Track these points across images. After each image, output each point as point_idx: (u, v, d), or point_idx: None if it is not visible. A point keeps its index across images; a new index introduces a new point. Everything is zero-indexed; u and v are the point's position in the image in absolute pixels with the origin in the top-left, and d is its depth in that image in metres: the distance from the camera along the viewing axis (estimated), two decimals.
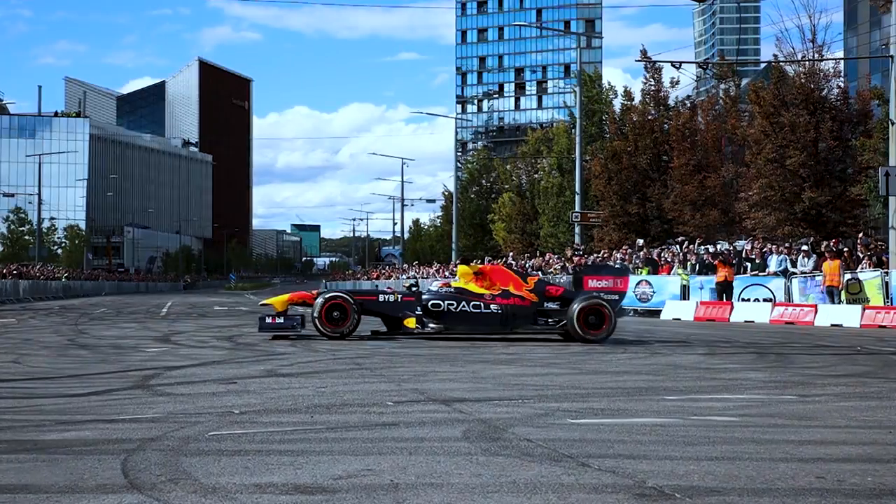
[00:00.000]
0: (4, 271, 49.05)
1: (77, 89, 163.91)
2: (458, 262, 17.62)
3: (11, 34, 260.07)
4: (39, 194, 66.89)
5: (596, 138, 50.66)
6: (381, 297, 16.12)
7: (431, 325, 15.80)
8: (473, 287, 16.03)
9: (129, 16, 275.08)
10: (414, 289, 16.96)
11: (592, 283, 16.40)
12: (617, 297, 16.24)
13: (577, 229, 40.96)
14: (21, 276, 50.64)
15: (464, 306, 15.75)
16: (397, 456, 5.34)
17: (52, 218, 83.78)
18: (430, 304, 15.82)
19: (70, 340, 15.78)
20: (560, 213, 52.78)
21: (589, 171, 44.80)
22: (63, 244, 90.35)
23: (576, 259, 33.63)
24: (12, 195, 71.18)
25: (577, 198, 40.50)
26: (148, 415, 7.03)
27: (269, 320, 15.62)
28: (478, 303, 15.76)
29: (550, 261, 36.71)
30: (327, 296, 15.70)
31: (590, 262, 30.43)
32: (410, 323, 15.84)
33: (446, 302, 15.82)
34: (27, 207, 77.10)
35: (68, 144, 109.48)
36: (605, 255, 33.31)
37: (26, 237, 78.46)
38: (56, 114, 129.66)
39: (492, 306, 15.72)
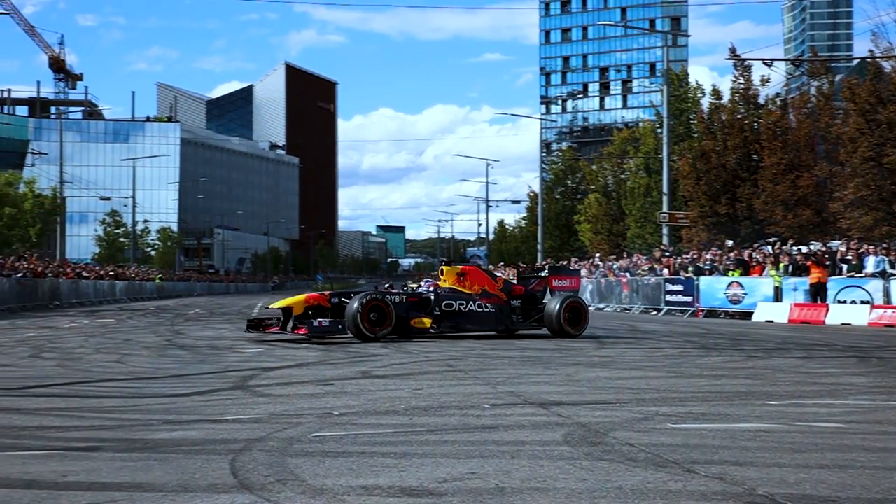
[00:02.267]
0: (102, 273, 50.43)
1: (168, 94, 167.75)
2: (441, 264, 17.76)
3: (106, 41, 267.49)
4: (134, 197, 68.57)
5: (683, 138, 49.98)
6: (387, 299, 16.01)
7: (446, 325, 16.25)
8: (462, 288, 16.73)
9: (218, 21, 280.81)
10: (419, 290, 17.30)
11: (557, 282, 17.79)
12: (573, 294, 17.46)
13: (664, 230, 40.47)
14: (117, 277, 52.02)
15: (471, 306, 16.40)
16: (500, 459, 5.34)
17: (145, 220, 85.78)
18: (444, 304, 16.22)
19: (168, 341, 16.14)
20: (647, 214, 52.20)
21: (677, 170, 44.23)
22: (156, 246, 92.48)
23: (665, 258, 33.23)
24: (108, 198, 73.16)
25: (665, 198, 40.01)
26: (250, 415, 7.16)
27: (315, 323, 15.45)
28: (480, 302, 16.54)
29: (638, 262, 36.33)
30: (365, 299, 15.50)
31: (558, 265, 31.15)
32: (422, 323, 16.09)
33: (457, 302, 16.35)
34: (122, 210, 79.10)
35: (160, 148, 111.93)
36: (695, 256, 32.83)
37: (121, 239, 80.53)
38: (148, 118, 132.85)
39: (487, 305, 16.57)
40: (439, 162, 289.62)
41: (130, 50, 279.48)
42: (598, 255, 47.86)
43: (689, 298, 28.90)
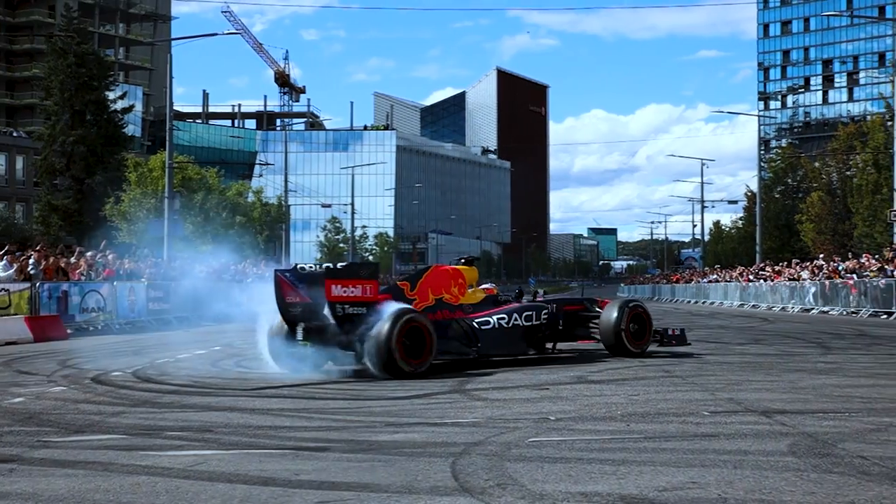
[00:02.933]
0: None
1: (384, 103, 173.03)
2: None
3: (327, 54, 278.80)
4: (353, 204, 71.07)
5: None
6: None
7: None
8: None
9: (433, 30, 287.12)
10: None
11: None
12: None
13: (895, 229, 38.22)
14: None
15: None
16: (721, 469, 5.22)
17: (363, 226, 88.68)
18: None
19: None
20: (876, 212, 49.42)
21: None
22: (374, 251, 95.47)
23: None
24: (329, 206, 76.14)
25: (895, 195, 37.78)
26: (468, 419, 7.30)
27: None
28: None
29: (867, 262, 34.46)
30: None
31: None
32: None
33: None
34: (342, 217, 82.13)
35: (377, 156, 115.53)
36: None
37: (341, 245, 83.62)
38: (365, 127, 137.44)
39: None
40: (652, 162, 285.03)
41: (350, 62, 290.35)
42: (821, 255, 45.72)
43: None
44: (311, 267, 11.04)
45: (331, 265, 11.01)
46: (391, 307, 10.67)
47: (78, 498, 4.75)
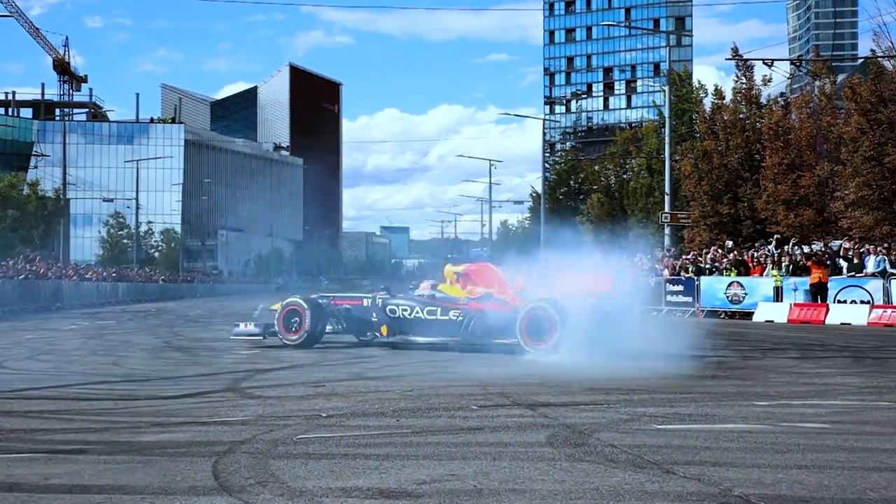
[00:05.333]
0: (104, 274, 50.50)
1: (173, 96, 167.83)
2: (446, 262, 16.31)
3: (112, 43, 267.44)
4: (137, 199, 68.69)
5: (686, 138, 49.95)
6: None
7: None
8: (451, 291, 14.46)
9: (224, 23, 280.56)
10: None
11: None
12: None
13: (666, 230, 40.44)
14: (120, 278, 52.08)
15: (417, 313, 14.25)
16: (481, 461, 5.37)
17: (149, 222, 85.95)
18: (387, 309, 14.55)
19: (166, 343, 16.17)
20: (649, 214, 52.20)
21: (679, 170, 44.16)
22: (159, 247, 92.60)
23: (665, 260, 33.24)
24: (111, 200, 73.36)
25: (667, 198, 39.99)
26: (238, 417, 7.19)
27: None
28: (439, 308, 14.12)
29: (640, 261, 36.30)
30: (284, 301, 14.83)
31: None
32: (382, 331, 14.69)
33: (400, 308, 14.45)
34: (125, 212, 79.23)
35: (164, 150, 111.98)
36: (696, 256, 32.81)
37: (125, 241, 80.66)
38: (152, 120, 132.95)
39: (452, 312, 13.99)
40: (443, 162, 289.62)
41: (136, 52, 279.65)
42: (599, 255, 47.79)
43: (689, 299, 28.90)
44: None
45: None
46: None
47: None
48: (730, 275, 28.38)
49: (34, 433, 6.55)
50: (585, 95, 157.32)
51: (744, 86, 43.29)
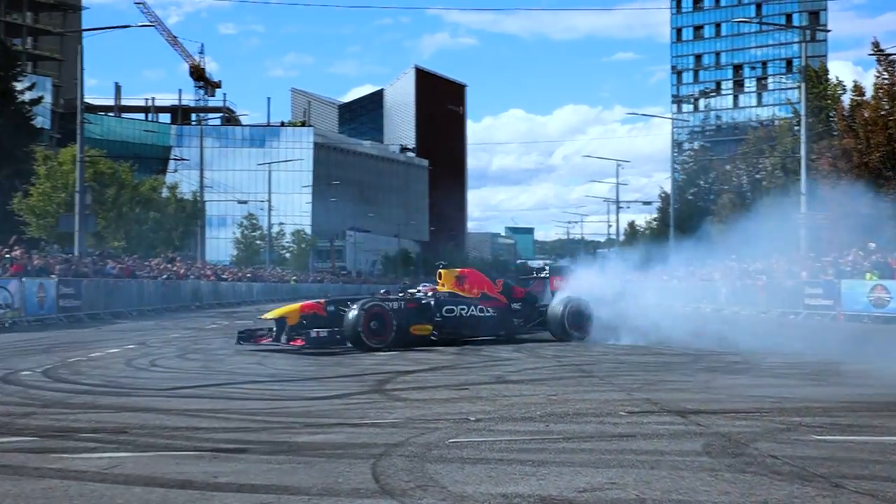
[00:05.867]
0: (240, 275, 51.94)
1: (302, 99, 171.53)
2: (440, 268, 16.75)
3: (245, 49, 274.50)
4: (269, 200, 70.34)
5: (823, 136, 48.33)
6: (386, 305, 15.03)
7: (446, 332, 15.48)
8: (461, 291, 16.21)
9: (353, 27, 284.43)
10: (417, 295, 16.16)
11: (557, 283, 17.32)
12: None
13: (803, 231, 39.22)
14: (254, 279, 53.49)
15: (472, 311, 15.80)
16: (639, 470, 5.30)
17: (280, 223, 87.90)
18: (444, 309, 15.54)
19: None
20: (785, 215, 50.71)
21: (815, 170, 42.79)
22: (291, 248, 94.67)
23: (802, 262, 32.24)
24: (245, 202, 75.27)
25: (803, 198, 38.78)
26: (388, 420, 7.28)
27: (313, 334, 14.33)
28: (482, 306, 15.96)
29: (775, 264, 35.32)
30: (367, 306, 14.63)
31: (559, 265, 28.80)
32: (423, 330, 15.22)
33: (458, 307, 15.74)
34: (258, 213, 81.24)
35: (294, 153, 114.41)
36: (835, 258, 31.68)
37: (258, 242, 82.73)
38: (283, 123, 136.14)
39: (488, 309, 16.02)
40: (569, 163, 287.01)
41: (267, 57, 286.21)
42: (733, 256, 46.70)
43: (829, 302, 27.96)
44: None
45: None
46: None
47: None
48: (872, 278, 27.33)
49: (195, 431, 6.77)
50: (714, 93, 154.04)
51: (886, 81, 41.62)
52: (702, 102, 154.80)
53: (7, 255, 24.30)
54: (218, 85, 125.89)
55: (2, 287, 21.58)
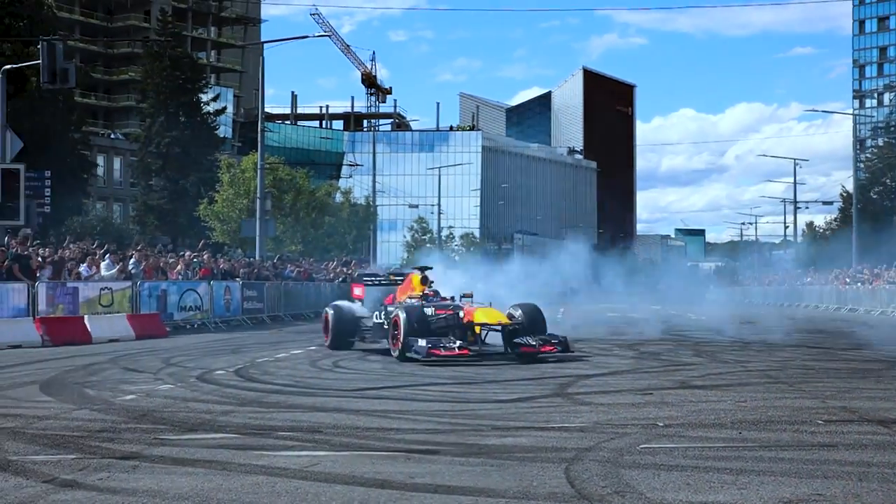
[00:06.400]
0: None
1: (470, 104, 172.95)
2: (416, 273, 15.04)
3: (415, 55, 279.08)
4: (439, 204, 71.33)
5: None
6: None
7: None
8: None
9: (521, 30, 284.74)
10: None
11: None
12: None
13: None
14: None
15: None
16: (846, 481, 5.09)
17: (450, 226, 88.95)
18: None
19: None
20: None
21: None
22: (460, 251, 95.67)
23: None
24: (416, 206, 76.61)
25: None
26: (575, 423, 7.24)
27: None
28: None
29: None
30: None
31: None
32: None
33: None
34: (428, 217, 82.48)
35: (463, 157, 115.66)
36: None
37: (428, 245, 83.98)
38: (451, 128, 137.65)
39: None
40: (742, 162, 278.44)
41: (436, 62, 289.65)
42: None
43: None
44: None
45: None
46: None
47: (202, 497, 4.84)
48: None
49: (387, 432, 6.91)
50: None
51: None
52: (886, 97, 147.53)
53: (195, 259, 25.46)
54: (389, 91, 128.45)
55: (192, 289, 22.62)
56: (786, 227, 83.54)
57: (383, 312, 14.26)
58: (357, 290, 16.31)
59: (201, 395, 9.08)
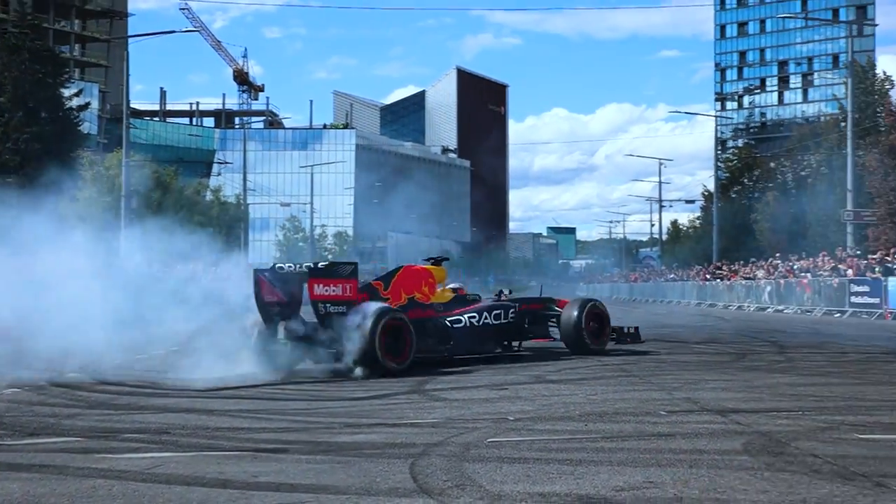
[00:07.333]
0: None
1: (344, 102, 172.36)
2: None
3: (289, 52, 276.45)
4: (312, 203, 70.84)
5: (870, 132, 47.71)
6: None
7: None
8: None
9: (396, 29, 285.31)
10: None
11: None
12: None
13: (849, 228, 38.74)
14: None
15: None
16: (677, 469, 5.28)
17: (323, 225, 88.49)
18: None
19: None
20: (830, 212, 50.10)
21: (862, 166, 42.25)
22: (333, 250, 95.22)
23: (849, 260, 31.86)
24: (288, 204, 75.94)
25: (850, 195, 38.29)
26: (428, 419, 7.32)
27: None
28: None
29: (821, 262, 34.93)
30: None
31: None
32: None
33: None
34: (301, 216, 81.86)
35: (337, 155, 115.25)
36: (882, 255, 31.29)
37: (300, 244, 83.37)
38: (325, 126, 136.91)
39: None
40: (611, 162, 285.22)
41: (311, 60, 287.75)
42: (777, 254, 46.28)
43: (876, 300, 27.60)
44: (289, 266, 11.21)
45: (311, 265, 11.09)
46: (372, 306, 10.83)
47: (32, 502, 4.71)
48: None
49: (237, 431, 6.86)
50: (758, 90, 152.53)
51: None
52: (746, 99, 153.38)
53: None
54: (261, 89, 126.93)
55: None
56: (652, 226, 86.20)
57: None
58: None
59: (49, 399, 8.81)
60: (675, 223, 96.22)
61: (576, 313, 13.10)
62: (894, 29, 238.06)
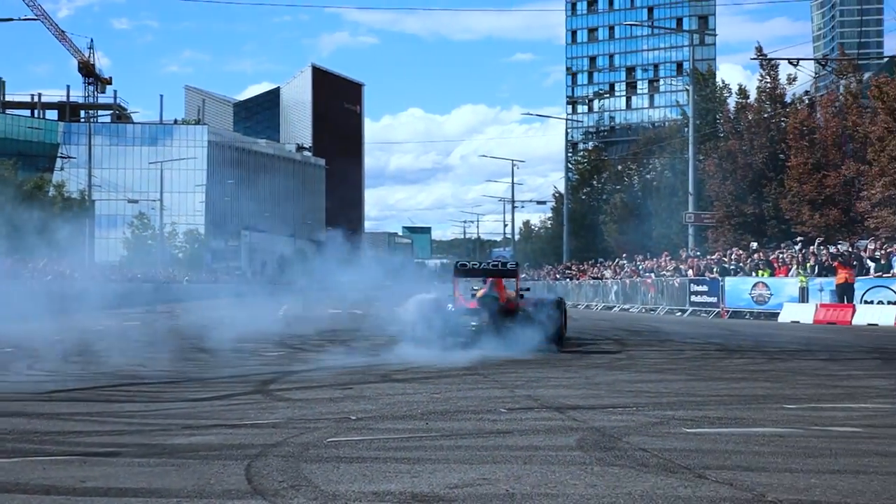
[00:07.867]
0: (129, 275, 50.84)
1: (196, 97, 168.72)
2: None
3: (138, 45, 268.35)
4: (161, 200, 69.08)
5: (710, 137, 49.70)
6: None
7: None
8: None
9: (250, 24, 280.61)
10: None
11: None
12: None
13: (690, 230, 40.27)
14: (145, 280, 52.42)
15: None
16: (512, 465, 5.38)
17: (173, 223, 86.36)
18: None
19: (192, 344, 16.23)
20: (673, 214, 51.96)
21: (702, 170, 43.99)
22: (184, 248, 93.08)
23: (689, 260, 33.11)
24: (136, 201, 73.80)
25: (691, 198, 39.82)
26: (269, 420, 7.23)
27: None
28: None
29: (663, 262, 36.20)
30: None
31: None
32: None
33: None
34: (150, 213, 79.69)
35: (188, 151, 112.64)
36: (720, 256, 32.67)
37: (149, 242, 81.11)
38: (176, 122, 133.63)
39: None
40: (466, 162, 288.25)
41: (162, 53, 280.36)
42: (624, 255, 47.70)
43: (714, 299, 28.79)
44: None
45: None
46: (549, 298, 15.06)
47: None
48: (762, 275, 28.18)
49: (67, 435, 6.61)
50: (608, 95, 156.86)
51: (768, 85, 43.06)
52: (596, 104, 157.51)
53: None
54: (108, 81, 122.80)
55: None
56: (505, 226, 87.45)
57: None
58: None
59: None
60: (527, 223, 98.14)
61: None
62: (735, 40, 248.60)
